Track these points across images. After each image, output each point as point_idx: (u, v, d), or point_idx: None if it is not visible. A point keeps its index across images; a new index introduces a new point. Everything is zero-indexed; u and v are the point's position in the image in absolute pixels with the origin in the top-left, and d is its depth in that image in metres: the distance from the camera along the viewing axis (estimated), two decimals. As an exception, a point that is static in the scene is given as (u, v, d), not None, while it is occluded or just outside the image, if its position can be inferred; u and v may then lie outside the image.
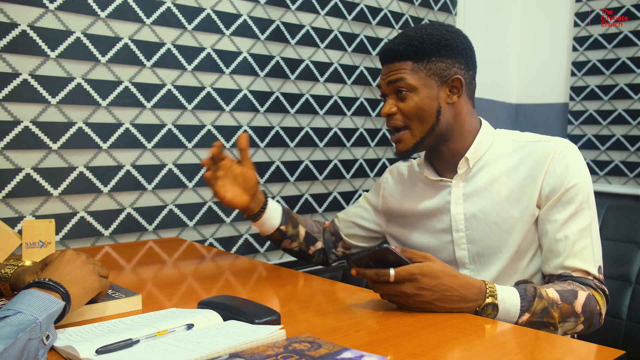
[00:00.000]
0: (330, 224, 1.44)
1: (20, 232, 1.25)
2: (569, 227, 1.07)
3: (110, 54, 1.50)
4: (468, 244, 1.18)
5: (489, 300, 0.95)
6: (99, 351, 0.70)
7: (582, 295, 1.01)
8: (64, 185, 1.44)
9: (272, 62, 1.84)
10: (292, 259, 1.94)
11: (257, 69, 1.80)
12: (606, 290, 1.07)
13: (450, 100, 1.15)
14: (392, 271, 0.92)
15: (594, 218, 1.10)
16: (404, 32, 1.19)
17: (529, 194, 1.12)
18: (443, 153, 1.20)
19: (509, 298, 0.96)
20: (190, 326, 0.80)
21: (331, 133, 2.02)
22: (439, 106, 1.15)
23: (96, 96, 1.48)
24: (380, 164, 2.21)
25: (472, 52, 1.19)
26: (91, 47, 1.46)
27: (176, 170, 1.65)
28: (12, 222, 1.36)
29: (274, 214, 1.32)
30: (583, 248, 1.07)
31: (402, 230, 1.31)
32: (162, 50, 1.59)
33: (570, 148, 1.11)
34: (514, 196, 1.13)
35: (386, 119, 1.19)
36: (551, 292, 1.00)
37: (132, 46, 1.53)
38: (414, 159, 1.33)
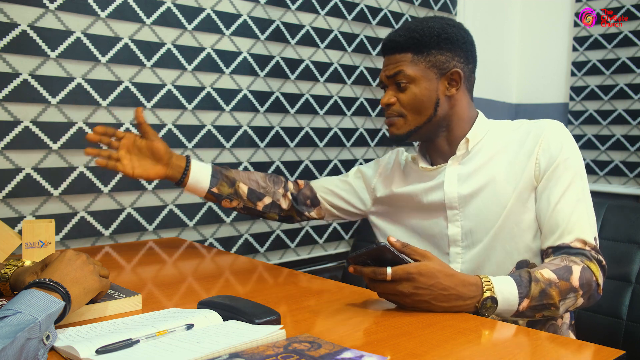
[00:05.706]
0: (306, 187, 1.42)
1: (20, 232, 1.25)
2: (565, 199, 1.10)
3: (111, 54, 1.50)
4: (462, 221, 1.19)
5: (487, 294, 0.95)
6: (99, 351, 0.70)
7: (577, 269, 1.03)
8: (64, 185, 1.44)
9: (272, 62, 1.84)
10: (292, 259, 1.94)
11: (257, 69, 1.80)
12: (602, 260, 1.08)
13: (449, 93, 1.19)
14: (389, 270, 0.92)
15: (586, 190, 1.13)
16: (405, 24, 1.22)
17: (524, 169, 1.14)
18: (440, 143, 1.23)
19: (506, 287, 0.97)
20: (190, 326, 0.80)
21: (331, 133, 2.02)
22: (437, 98, 1.18)
23: (96, 96, 1.48)
24: (380, 164, 2.21)
25: (472, 46, 1.22)
26: (91, 47, 1.46)
27: (176, 170, 1.65)
28: (12, 222, 1.36)
29: (200, 177, 1.33)
30: (579, 218, 1.09)
31: (391, 208, 1.33)
32: (162, 50, 1.59)
33: (559, 125, 1.16)
34: (509, 173, 1.16)
35: (385, 108, 1.22)
36: (546, 272, 1.01)
37: (132, 46, 1.53)
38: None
